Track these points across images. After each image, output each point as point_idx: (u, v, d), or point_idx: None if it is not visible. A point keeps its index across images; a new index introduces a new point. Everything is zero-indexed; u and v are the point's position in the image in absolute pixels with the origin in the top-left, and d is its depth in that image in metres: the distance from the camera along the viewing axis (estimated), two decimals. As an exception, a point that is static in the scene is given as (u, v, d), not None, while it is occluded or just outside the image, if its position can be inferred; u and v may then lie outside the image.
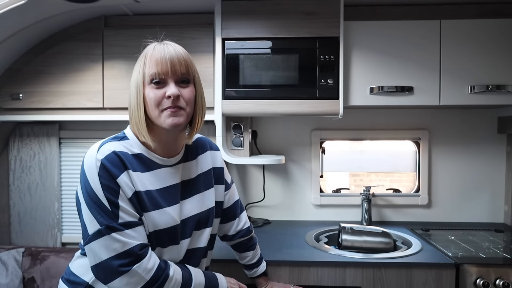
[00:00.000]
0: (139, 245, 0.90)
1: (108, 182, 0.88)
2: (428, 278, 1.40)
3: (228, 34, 1.66)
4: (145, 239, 0.92)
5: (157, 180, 0.97)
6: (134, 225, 0.90)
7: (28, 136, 2.02)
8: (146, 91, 0.93)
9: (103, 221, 0.87)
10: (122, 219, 0.88)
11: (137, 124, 0.94)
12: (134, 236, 0.89)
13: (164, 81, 0.93)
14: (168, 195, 0.99)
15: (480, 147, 2.01)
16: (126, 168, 0.91)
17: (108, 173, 0.88)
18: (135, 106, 0.94)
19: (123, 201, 0.89)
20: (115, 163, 0.90)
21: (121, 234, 0.88)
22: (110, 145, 0.93)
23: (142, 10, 1.79)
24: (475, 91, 1.65)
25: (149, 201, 0.94)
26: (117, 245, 0.87)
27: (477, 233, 1.80)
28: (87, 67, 1.76)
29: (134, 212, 0.91)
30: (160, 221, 0.95)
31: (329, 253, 1.49)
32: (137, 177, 0.93)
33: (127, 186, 0.90)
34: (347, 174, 2.38)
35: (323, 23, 1.64)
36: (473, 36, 1.66)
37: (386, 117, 2.02)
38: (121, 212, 0.89)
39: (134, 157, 0.95)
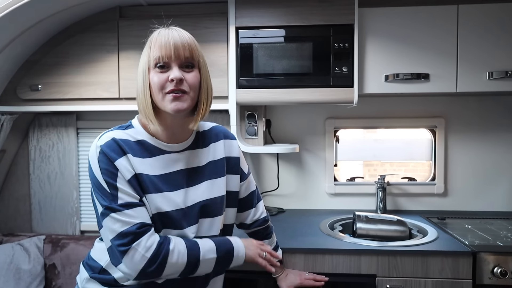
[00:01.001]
0: (138, 224, 0.91)
1: (107, 166, 0.91)
2: (444, 266, 1.39)
3: (241, 23, 1.65)
4: (146, 219, 0.93)
5: (159, 166, 0.98)
6: (133, 205, 0.92)
7: (47, 126, 2.06)
8: (150, 76, 0.95)
9: (104, 203, 0.91)
10: (121, 200, 0.91)
11: (144, 109, 0.96)
12: (134, 215, 0.91)
13: (168, 65, 0.94)
14: (171, 180, 0.99)
15: (498, 135, 1.97)
16: (124, 153, 0.94)
17: (107, 157, 0.92)
18: (141, 91, 0.96)
19: (122, 183, 0.92)
20: (113, 149, 0.93)
21: (120, 214, 0.90)
22: (111, 133, 0.96)
23: (156, 0, 1.79)
24: (493, 78, 1.61)
25: (151, 184, 0.96)
26: (117, 225, 0.90)
27: (495, 222, 1.78)
28: (103, 57, 1.79)
29: (134, 193, 0.93)
30: (162, 204, 0.96)
31: (344, 241, 1.50)
32: (137, 162, 0.95)
33: (126, 169, 0.93)
34: (361, 164, 2.38)
35: (337, 11, 1.62)
36: (491, 21, 1.62)
37: (401, 105, 2.00)
38: (120, 193, 0.91)
39: (137, 144, 0.97)
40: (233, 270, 1.42)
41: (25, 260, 1.84)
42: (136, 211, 0.92)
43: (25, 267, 1.82)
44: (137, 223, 0.91)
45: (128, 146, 0.95)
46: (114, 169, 0.92)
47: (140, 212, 0.92)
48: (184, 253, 0.95)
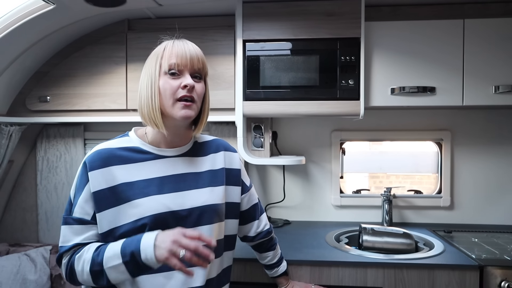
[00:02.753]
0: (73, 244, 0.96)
1: (81, 177, 0.98)
2: (451, 280, 1.38)
3: (249, 35, 1.67)
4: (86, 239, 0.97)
5: (151, 170, 1.00)
6: (83, 222, 0.96)
7: (55, 137, 2.08)
8: (161, 81, 0.97)
9: (64, 212, 0.99)
10: (74, 214, 0.96)
11: (150, 113, 0.97)
12: (78, 232, 0.96)
13: (181, 72, 0.98)
14: (164, 183, 0.99)
15: (505, 148, 1.97)
16: (106, 165, 0.97)
17: (85, 168, 0.97)
18: (148, 96, 0.97)
19: (83, 197, 0.96)
20: (95, 160, 0.97)
21: (67, 228, 0.96)
22: (100, 145, 1.01)
23: (165, 13, 1.82)
24: (499, 91, 1.62)
25: (136, 190, 0.96)
26: (62, 237, 0.97)
27: (502, 236, 1.77)
28: (112, 69, 1.81)
29: (89, 209, 0.96)
30: (148, 207, 0.95)
31: (350, 253, 1.49)
32: (123, 170, 0.98)
33: (99, 180, 0.96)
34: (367, 176, 2.38)
35: (344, 24, 1.64)
36: (497, 35, 1.63)
37: (407, 118, 2.00)
38: (77, 208, 0.96)
39: (127, 150, 1.00)
40: (238, 281, 1.44)
41: (32, 271, 1.84)
42: (82, 228, 0.96)
43: (31, 278, 1.82)
44: (70, 244, 0.96)
45: (114, 156, 0.99)
46: (85, 180, 0.96)
47: (83, 230, 0.97)
48: (88, 261, 0.92)
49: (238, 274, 1.45)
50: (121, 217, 0.95)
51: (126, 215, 0.95)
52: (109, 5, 1.57)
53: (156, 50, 1.00)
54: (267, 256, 1.30)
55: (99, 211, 0.96)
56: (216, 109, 1.75)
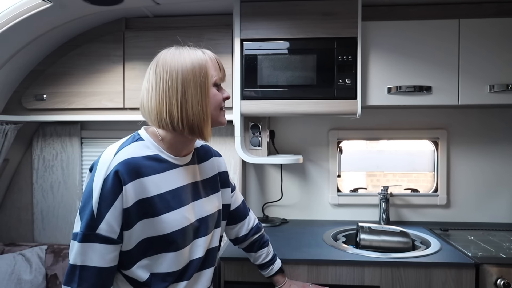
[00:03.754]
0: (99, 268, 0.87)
1: (109, 190, 0.87)
2: (448, 278, 1.39)
3: (246, 35, 1.68)
4: (111, 262, 0.89)
5: (171, 180, 0.98)
6: (109, 241, 0.88)
7: (51, 136, 2.07)
8: (213, 93, 0.99)
9: (81, 226, 0.87)
10: (101, 231, 0.86)
11: (201, 123, 0.95)
12: (102, 253, 0.87)
13: (220, 85, 1.03)
14: (181, 195, 0.99)
15: (500, 147, 1.99)
16: (138, 176, 0.90)
17: (117, 180, 0.87)
18: (200, 106, 0.94)
19: (112, 213, 0.87)
20: (127, 171, 0.89)
21: (89, 246, 0.86)
22: (126, 151, 0.92)
23: (162, 12, 1.82)
24: (494, 90, 1.63)
25: (162, 204, 0.93)
26: (79, 257, 0.86)
27: (497, 233, 1.78)
28: (108, 68, 1.81)
29: (118, 229, 0.89)
30: (173, 221, 0.94)
31: (347, 252, 1.50)
32: (151, 181, 0.93)
33: (131, 195, 0.89)
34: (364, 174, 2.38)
35: (341, 24, 1.65)
36: (492, 35, 1.65)
37: (404, 117, 2.02)
38: (104, 224, 0.86)
39: (149, 159, 0.95)
40: (235, 281, 1.44)
41: (27, 271, 1.83)
42: (107, 248, 0.88)
43: (26, 278, 1.81)
44: (94, 266, 0.86)
45: (142, 166, 0.92)
46: (117, 194, 0.87)
47: (108, 251, 0.88)
48: None
49: (235, 274, 1.45)
50: (150, 231, 0.92)
51: (155, 229, 0.92)
52: (107, 3, 1.56)
53: (196, 59, 0.96)
54: (262, 254, 1.30)
55: (128, 228, 0.90)
56: (214, 108, 1.75)
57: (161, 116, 0.94)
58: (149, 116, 0.97)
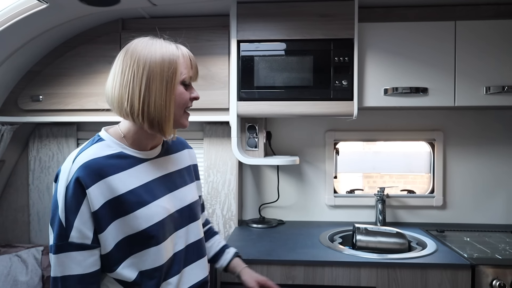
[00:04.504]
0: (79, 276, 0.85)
1: (72, 197, 0.85)
2: (444, 279, 1.39)
3: (243, 36, 1.68)
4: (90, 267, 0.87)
5: (140, 175, 0.95)
6: (83, 248, 0.86)
7: (47, 137, 2.07)
8: (179, 91, 0.94)
9: (53, 238, 0.85)
10: (72, 239, 0.84)
11: (162, 120, 0.92)
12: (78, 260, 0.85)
13: (189, 84, 0.98)
14: (154, 187, 0.97)
15: (495, 148, 2.00)
16: (101, 177, 0.88)
17: (79, 186, 0.85)
18: (162, 101, 0.91)
19: (80, 220, 0.85)
20: (87, 174, 0.86)
21: (65, 256, 0.85)
22: (86, 154, 0.89)
23: (159, 13, 1.82)
24: (490, 92, 1.64)
25: (134, 200, 0.91)
26: (56, 267, 0.85)
27: (493, 235, 1.79)
28: (105, 69, 1.80)
29: (89, 233, 0.86)
30: (149, 216, 0.92)
31: (343, 253, 1.50)
32: (117, 179, 0.90)
33: (98, 197, 0.86)
34: (361, 176, 2.39)
35: (338, 25, 1.65)
36: (488, 36, 1.65)
37: (400, 118, 2.02)
38: (74, 232, 0.85)
39: (113, 158, 0.92)
40: (230, 282, 1.43)
41: (23, 272, 1.82)
42: (83, 255, 0.86)
43: (22, 279, 1.80)
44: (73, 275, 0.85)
45: (105, 165, 0.90)
46: (80, 199, 0.85)
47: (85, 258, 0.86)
48: None
49: (230, 274, 1.45)
50: (126, 229, 0.90)
51: (131, 226, 0.90)
52: (103, 4, 1.56)
53: (167, 53, 0.92)
54: (215, 240, 1.27)
55: (102, 231, 0.87)
56: (210, 109, 1.75)
57: (122, 104, 0.91)
58: (111, 103, 0.94)
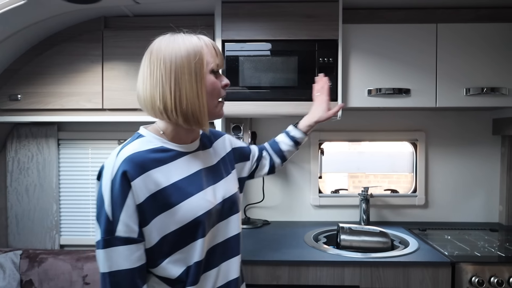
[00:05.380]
0: (127, 270, 0.86)
1: (118, 191, 0.85)
2: (425, 277, 1.42)
3: (228, 36, 1.67)
4: (137, 261, 0.88)
5: (182, 168, 0.96)
6: (130, 242, 0.87)
7: (26, 137, 2.01)
8: (209, 80, 0.94)
9: (100, 233, 0.86)
10: (119, 233, 0.85)
11: (197, 112, 0.92)
12: (126, 254, 0.86)
13: (218, 72, 0.98)
14: (197, 180, 0.97)
15: (475, 148, 2.05)
16: (145, 170, 0.88)
17: (124, 179, 0.86)
18: (194, 93, 0.91)
19: (126, 213, 0.86)
20: (132, 167, 0.87)
21: (112, 250, 0.85)
22: (128, 148, 0.90)
23: (142, 11, 1.79)
24: (470, 94, 1.68)
25: (177, 193, 0.92)
26: (106, 262, 0.86)
27: (473, 233, 1.83)
28: (87, 68, 1.77)
29: (135, 227, 0.87)
30: (195, 207, 0.93)
31: (327, 253, 1.51)
32: (160, 172, 0.91)
33: (142, 191, 0.87)
34: (346, 175, 2.41)
35: (322, 26, 1.66)
36: (468, 39, 1.69)
37: (384, 119, 2.05)
38: (120, 225, 0.85)
39: (155, 152, 0.93)
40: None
41: (0, 277, 1.76)
42: (130, 249, 0.86)
43: (0, 284, 1.75)
44: (122, 269, 0.85)
45: (147, 159, 0.90)
46: (126, 192, 0.86)
47: (132, 251, 0.87)
48: None
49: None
50: (172, 222, 0.90)
51: (177, 219, 0.90)
52: (84, 2, 1.53)
53: (191, 45, 0.92)
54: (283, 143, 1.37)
55: (146, 224, 0.88)
56: (195, 109, 1.74)
57: (155, 104, 0.91)
58: (145, 105, 0.95)
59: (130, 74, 1.75)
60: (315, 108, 1.40)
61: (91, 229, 2.08)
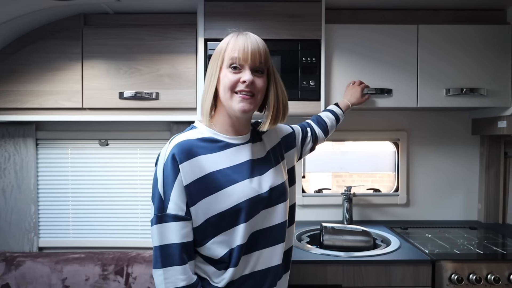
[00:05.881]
0: (176, 244, 0.94)
1: (171, 169, 0.95)
2: (406, 275, 1.44)
3: (210, 34, 1.65)
4: (185, 237, 0.96)
5: (230, 157, 1.01)
6: (178, 218, 0.95)
7: (3, 137, 1.95)
8: (221, 74, 0.99)
9: (154, 211, 0.96)
10: (170, 210, 0.94)
11: (203, 104, 1.02)
12: (176, 230, 0.94)
13: (242, 67, 0.98)
14: (242, 170, 1.01)
15: (455, 148, 2.08)
16: (192, 156, 0.96)
17: (174, 160, 0.95)
18: (206, 88, 1.02)
19: (176, 192, 0.94)
20: (181, 151, 0.95)
21: (163, 226, 0.94)
22: (182, 136, 1.00)
23: (123, 9, 1.76)
24: (450, 94, 1.70)
25: (223, 178, 0.98)
26: (158, 237, 0.95)
27: (453, 231, 1.87)
28: (66, 66, 1.72)
29: (183, 206, 0.95)
30: (239, 193, 0.98)
31: (311, 252, 1.52)
32: (207, 159, 0.98)
33: (190, 173, 0.95)
34: (330, 175, 2.42)
35: (305, 26, 1.66)
36: (448, 40, 1.72)
37: (367, 119, 2.07)
38: (171, 203, 0.94)
39: (204, 141, 1.00)
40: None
41: (-25, 280, 1.71)
42: (179, 225, 0.95)
43: (-26, 288, 1.70)
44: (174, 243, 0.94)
45: (196, 146, 0.98)
46: (175, 174, 0.94)
47: (181, 227, 0.95)
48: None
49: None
50: (216, 206, 0.96)
51: (221, 203, 0.96)
52: (62, -3, 1.49)
53: (221, 44, 1.02)
54: (327, 121, 1.50)
55: (193, 204, 0.96)
56: (177, 109, 1.72)
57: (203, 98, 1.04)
58: None
59: (111, 72, 1.71)
60: (352, 94, 1.64)
61: (71, 231, 2.04)
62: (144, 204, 2.04)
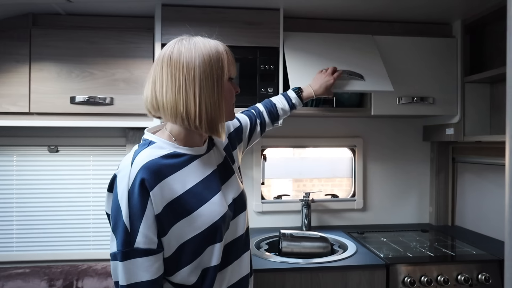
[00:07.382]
0: (146, 282, 0.85)
1: (137, 201, 0.84)
2: (362, 280, 1.47)
3: (168, 40, 1.56)
4: (157, 272, 0.87)
5: (196, 172, 0.95)
6: (149, 253, 0.85)
7: None
8: (227, 87, 0.96)
9: (118, 245, 0.84)
10: (138, 244, 0.84)
11: (216, 120, 0.92)
12: (146, 266, 0.85)
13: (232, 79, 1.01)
14: (210, 183, 0.96)
15: (408, 154, 2.17)
16: (161, 178, 0.87)
17: (143, 189, 0.84)
18: (216, 101, 0.91)
19: (146, 224, 0.84)
20: (149, 175, 0.85)
21: (131, 263, 0.84)
22: (142, 156, 0.88)
23: (76, 10, 1.68)
24: (402, 102, 1.78)
25: (194, 199, 0.91)
26: (123, 274, 0.84)
27: (406, 234, 1.94)
28: (11, 68, 1.62)
29: (155, 238, 0.86)
30: (212, 212, 0.92)
31: (269, 260, 1.51)
32: (175, 179, 0.89)
33: (160, 200, 0.86)
34: (291, 180, 2.44)
35: (264, 33, 1.67)
36: (401, 51, 1.80)
37: (325, 126, 2.10)
38: (140, 237, 0.84)
39: (168, 157, 0.91)
40: None
41: None
42: (150, 260, 0.85)
43: None
44: (143, 281, 0.84)
45: (163, 165, 0.89)
46: (145, 202, 0.84)
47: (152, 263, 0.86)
48: None
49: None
50: (189, 230, 0.89)
51: (194, 226, 0.89)
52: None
53: (214, 51, 0.93)
54: (279, 105, 1.42)
55: (165, 234, 0.87)
56: (133, 115, 1.67)
57: (178, 111, 0.89)
58: (163, 111, 0.91)
59: (61, 76, 1.63)
60: (321, 84, 1.51)
61: (15, 244, 1.90)
62: (97, 214, 1.95)
